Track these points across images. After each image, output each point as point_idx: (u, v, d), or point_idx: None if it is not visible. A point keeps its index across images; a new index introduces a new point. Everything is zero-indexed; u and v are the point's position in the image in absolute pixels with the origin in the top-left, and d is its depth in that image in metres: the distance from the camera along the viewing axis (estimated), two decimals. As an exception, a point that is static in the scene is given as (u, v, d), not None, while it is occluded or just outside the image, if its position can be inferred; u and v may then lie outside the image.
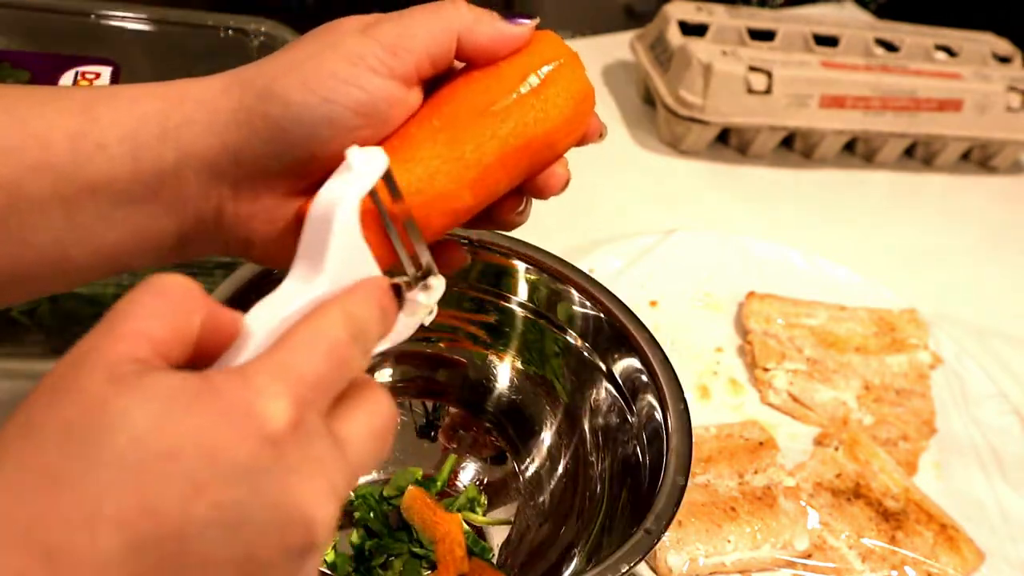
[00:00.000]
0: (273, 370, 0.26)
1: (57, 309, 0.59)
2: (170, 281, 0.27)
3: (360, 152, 0.31)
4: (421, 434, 0.59)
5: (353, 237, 0.30)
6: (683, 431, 0.48)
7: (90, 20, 0.69)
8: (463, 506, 0.56)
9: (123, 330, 0.26)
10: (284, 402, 0.25)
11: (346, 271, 0.30)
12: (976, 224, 1.00)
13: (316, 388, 0.27)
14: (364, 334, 0.29)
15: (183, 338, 0.27)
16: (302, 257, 0.30)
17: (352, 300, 0.29)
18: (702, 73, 0.92)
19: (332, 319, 0.28)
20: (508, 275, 0.56)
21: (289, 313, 0.28)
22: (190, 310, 0.27)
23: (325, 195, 0.30)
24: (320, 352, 0.27)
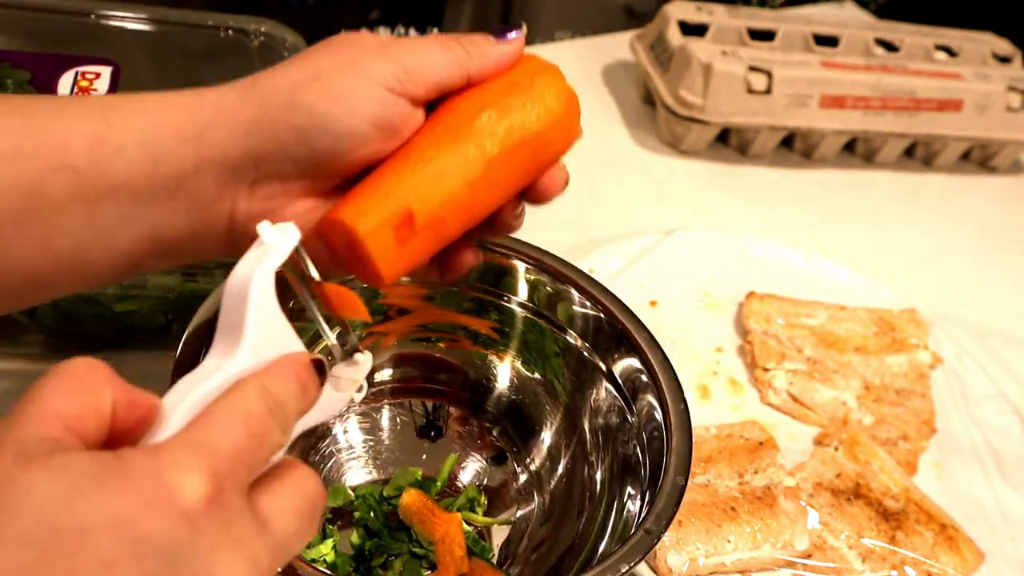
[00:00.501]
0: (186, 444, 0.25)
1: (57, 309, 0.59)
2: (76, 362, 0.26)
3: (271, 228, 0.31)
4: (421, 434, 0.59)
5: (270, 312, 0.30)
6: (683, 431, 0.48)
7: (90, 20, 0.69)
8: (463, 506, 0.56)
9: (33, 410, 0.25)
10: (198, 475, 0.25)
11: (266, 347, 0.30)
12: (976, 224, 1.00)
13: (233, 461, 0.26)
14: (282, 409, 0.28)
15: (95, 414, 0.26)
16: (220, 333, 0.30)
17: (269, 376, 0.29)
18: (702, 73, 0.92)
19: (247, 394, 0.27)
20: (508, 275, 0.56)
21: (207, 391, 0.28)
22: (99, 385, 0.26)
23: (239, 271, 0.30)
24: (235, 425, 0.26)
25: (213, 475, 0.25)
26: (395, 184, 0.38)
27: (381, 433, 0.58)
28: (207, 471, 0.25)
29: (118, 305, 0.58)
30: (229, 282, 0.30)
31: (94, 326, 0.60)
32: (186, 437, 0.26)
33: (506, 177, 0.40)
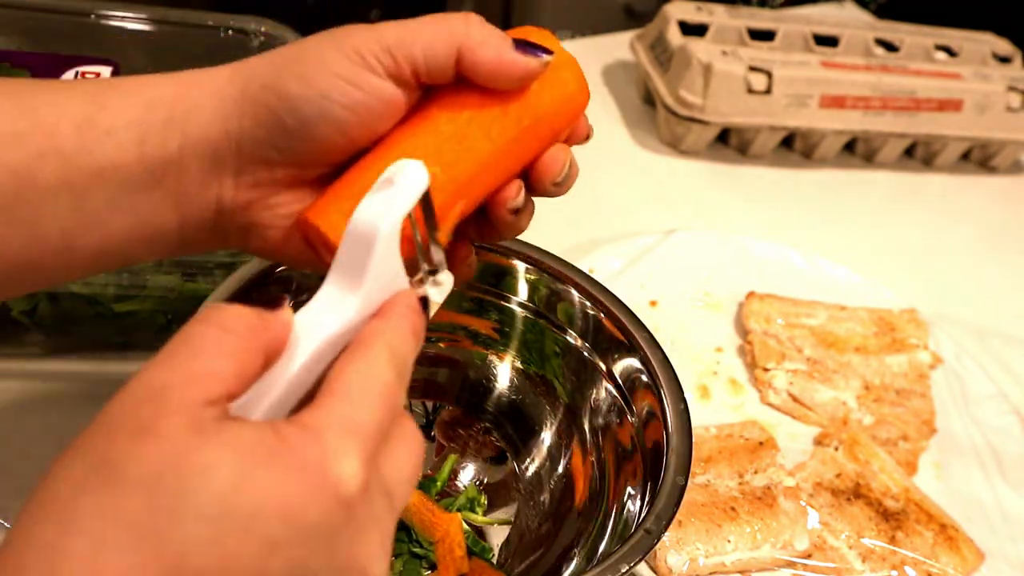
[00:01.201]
0: (340, 425, 0.26)
1: (57, 309, 0.59)
2: (235, 316, 0.27)
3: (403, 167, 0.31)
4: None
5: (392, 253, 0.30)
6: (683, 431, 0.48)
7: (90, 20, 0.69)
8: (463, 506, 0.56)
9: (196, 369, 0.25)
10: (356, 463, 0.26)
11: (381, 285, 0.31)
12: (976, 224, 1.00)
13: (377, 439, 0.27)
14: (406, 367, 0.30)
15: (248, 378, 0.27)
16: (341, 267, 0.30)
17: (393, 332, 0.29)
18: (702, 73, 0.92)
19: (380, 360, 0.28)
20: (508, 275, 0.56)
21: (333, 332, 0.29)
22: (256, 348, 0.27)
23: (366, 211, 0.30)
24: (376, 401, 0.27)
25: (366, 460, 0.26)
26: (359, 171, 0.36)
27: (381, 433, 0.58)
28: (362, 457, 0.26)
29: (118, 305, 0.58)
30: (355, 221, 0.30)
31: (94, 326, 0.60)
32: (336, 415, 0.26)
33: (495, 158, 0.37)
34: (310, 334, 0.29)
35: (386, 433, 0.28)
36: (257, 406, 0.27)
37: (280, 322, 0.28)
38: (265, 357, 0.27)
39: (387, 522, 0.27)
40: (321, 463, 0.25)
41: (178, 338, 0.26)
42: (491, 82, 0.36)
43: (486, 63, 0.36)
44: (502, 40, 0.36)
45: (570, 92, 0.39)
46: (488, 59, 0.36)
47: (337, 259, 0.30)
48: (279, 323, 0.28)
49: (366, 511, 0.26)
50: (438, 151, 0.36)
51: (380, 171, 0.35)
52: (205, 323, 0.27)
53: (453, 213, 0.37)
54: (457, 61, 0.36)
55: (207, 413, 0.25)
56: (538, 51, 0.36)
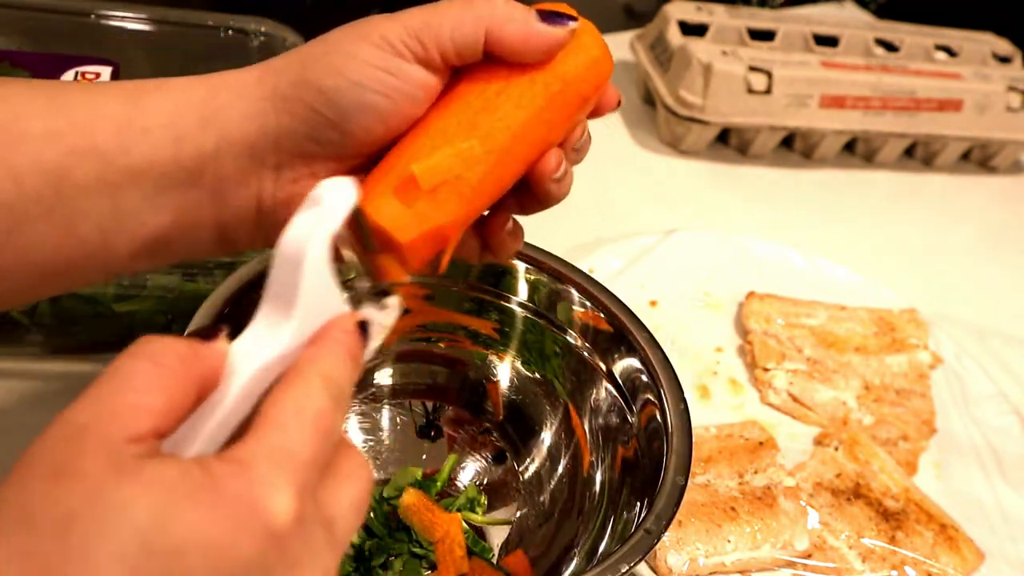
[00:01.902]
0: (270, 456, 0.25)
1: (57, 309, 0.59)
2: (166, 348, 0.26)
3: (329, 186, 0.30)
4: (421, 434, 0.59)
5: (323, 276, 0.30)
6: (683, 431, 0.48)
7: (90, 20, 0.69)
8: (463, 506, 0.56)
9: (120, 404, 0.24)
10: (288, 495, 0.25)
11: (316, 309, 0.30)
12: (976, 224, 1.00)
13: (311, 468, 0.26)
14: (342, 393, 0.28)
15: (180, 412, 0.26)
16: (272, 295, 0.29)
17: (327, 358, 0.28)
18: (702, 73, 0.92)
19: (313, 387, 0.27)
20: (508, 275, 0.56)
21: (266, 361, 0.28)
22: (188, 381, 0.26)
23: (294, 232, 0.29)
24: (309, 428, 0.26)
25: (299, 491, 0.25)
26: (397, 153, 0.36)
27: (381, 433, 0.58)
28: (294, 487, 0.25)
29: (118, 305, 0.58)
30: (283, 244, 0.29)
31: (94, 326, 0.60)
32: (266, 445, 0.25)
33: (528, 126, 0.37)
34: (243, 365, 0.28)
35: (325, 463, 0.27)
36: (190, 441, 0.26)
37: (214, 353, 0.27)
38: (198, 390, 0.26)
39: (327, 556, 0.26)
40: (249, 496, 0.24)
41: (106, 373, 0.25)
42: (520, 56, 0.37)
43: (514, 39, 0.36)
44: (527, 14, 0.36)
45: (594, 56, 0.39)
46: (516, 34, 0.36)
47: (268, 285, 0.29)
48: (213, 354, 0.27)
49: (301, 545, 0.25)
50: (471, 125, 0.36)
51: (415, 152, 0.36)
52: (134, 356, 0.26)
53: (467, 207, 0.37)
54: (486, 40, 0.36)
55: (129, 450, 0.24)
56: (563, 19, 0.37)
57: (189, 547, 0.23)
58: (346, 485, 0.28)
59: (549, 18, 0.37)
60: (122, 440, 0.24)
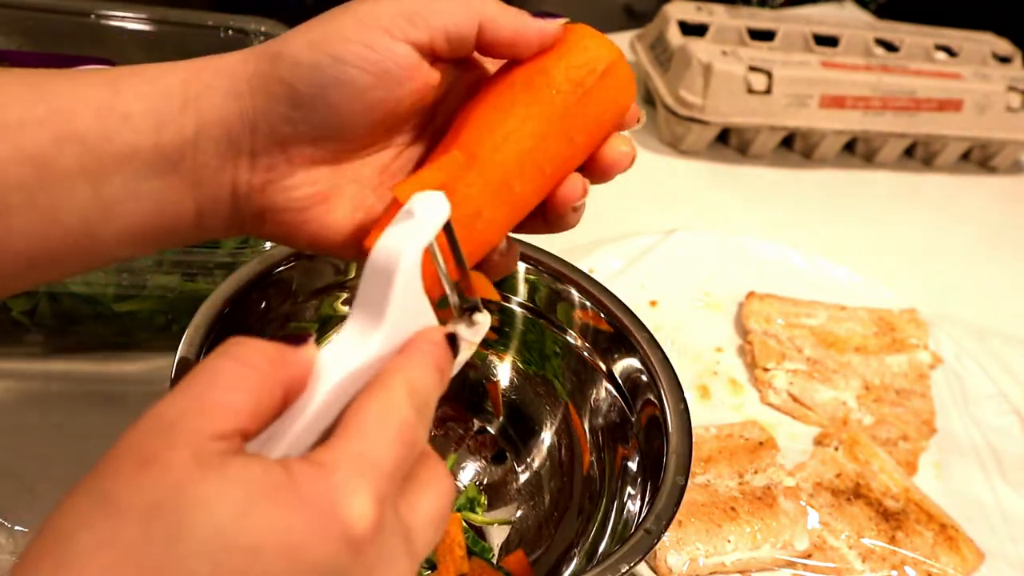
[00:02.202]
0: (352, 463, 0.25)
1: (57, 309, 0.59)
2: (255, 350, 0.26)
3: (423, 199, 0.31)
4: (421, 434, 0.59)
5: (414, 288, 0.30)
6: (683, 431, 0.48)
7: (90, 20, 0.69)
8: (463, 506, 0.56)
9: (209, 402, 0.25)
10: (367, 502, 0.25)
11: (405, 321, 0.30)
12: (976, 224, 1.00)
13: (392, 477, 0.26)
14: (427, 405, 0.29)
15: (268, 411, 0.26)
16: (362, 305, 0.30)
17: (413, 368, 0.29)
18: (702, 73, 0.92)
19: (398, 396, 0.27)
20: (508, 275, 0.56)
21: (354, 368, 0.28)
22: (275, 384, 0.26)
23: (387, 244, 0.29)
24: (392, 437, 0.27)
25: (378, 499, 0.25)
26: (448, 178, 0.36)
27: (381, 433, 0.58)
28: (374, 495, 0.25)
29: (118, 305, 0.58)
30: (375, 254, 0.29)
31: (94, 326, 0.60)
32: (348, 452, 0.26)
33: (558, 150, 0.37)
34: (331, 371, 0.28)
35: (406, 473, 0.27)
36: (275, 444, 0.27)
37: (302, 359, 0.27)
38: (284, 394, 0.27)
39: (403, 567, 0.26)
40: (329, 501, 0.24)
41: (196, 370, 0.26)
42: (512, 49, 0.37)
43: (506, 32, 0.36)
44: (520, 11, 0.37)
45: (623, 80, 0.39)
46: (508, 27, 0.36)
47: (358, 295, 0.30)
48: (300, 360, 0.27)
49: (377, 553, 0.25)
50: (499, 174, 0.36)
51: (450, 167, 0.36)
52: (224, 356, 0.26)
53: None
54: (480, 32, 0.36)
55: (214, 446, 0.24)
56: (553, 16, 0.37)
57: (267, 545, 0.23)
58: (426, 497, 0.28)
59: (541, 15, 0.37)
60: (208, 436, 0.24)
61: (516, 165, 0.37)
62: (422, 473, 0.28)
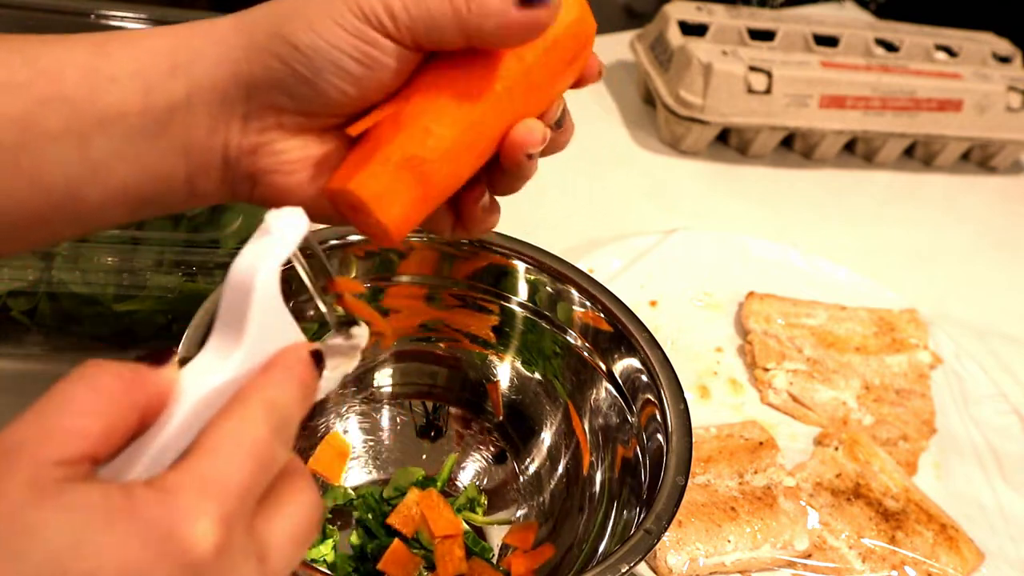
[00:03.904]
0: (197, 484, 0.25)
1: (57, 309, 0.59)
2: (108, 373, 0.26)
3: (279, 215, 0.30)
4: (421, 434, 0.59)
5: (274, 304, 0.29)
6: (683, 431, 0.48)
7: (90, 20, 0.69)
8: (463, 506, 0.56)
9: (54, 427, 0.24)
10: (209, 523, 0.24)
11: (267, 339, 0.29)
12: (976, 224, 1.00)
13: (242, 497, 0.25)
14: (286, 422, 0.28)
15: (118, 438, 0.25)
16: (221, 324, 0.29)
17: (273, 385, 0.28)
18: (702, 73, 0.92)
19: (253, 414, 0.27)
20: (508, 275, 0.56)
21: (214, 387, 0.28)
22: (129, 406, 0.26)
23: (243, 261, 0.29)
24: (243, 457, 0.26)
25: (224, 520, 0.25)
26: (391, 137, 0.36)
27: (381, 433, 0.58)
28: (218, 516, 0.24)
29: (118, 305, 0.58)
30: (232, 272, 0.29)
31: (94, 326, 0.60)
32: (193, 473, 0.25)
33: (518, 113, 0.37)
34: (191, 391, 0.27)
35: (260, 492, 0.26)
36: (131, 466, 0.26)
37: (160, 380, 0.27)
38: (142, 416, 0.26)
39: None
40: (168, 523, 0.23)
41: (47, 395, 0.25)
42: (500, 45, 0.36)
43: (492, 34, 0.35)
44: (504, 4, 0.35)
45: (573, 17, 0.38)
46: (494, 29, 0.35)
47: (219, 313, 0.29)
48: (159, 381, 0.27)
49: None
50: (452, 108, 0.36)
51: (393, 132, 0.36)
52: (75, 380, 0.25)
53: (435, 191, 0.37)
54: (464, 37, 0.35)
55: (54, 472, 0.23)
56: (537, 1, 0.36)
57: (103, 572, 0.22)
58: (285, 515, 0.27)
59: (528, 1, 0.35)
60: (51, 462, 0.23)
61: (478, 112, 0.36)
62: (283, 489, 0.28)
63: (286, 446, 0.28)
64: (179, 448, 0.27)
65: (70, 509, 0.23)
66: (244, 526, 0.26)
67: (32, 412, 0.25)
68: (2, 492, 0.23)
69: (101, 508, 0.23)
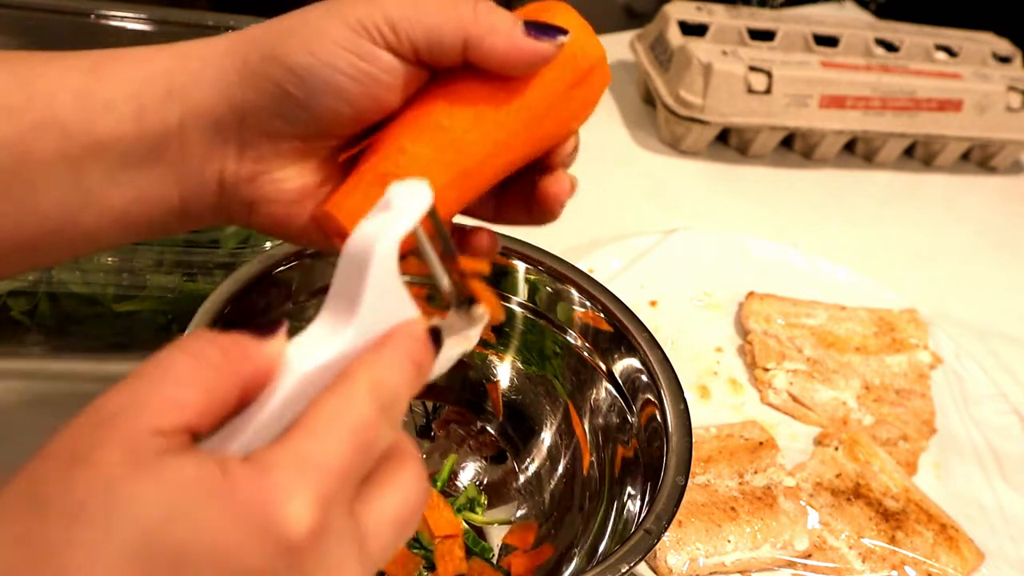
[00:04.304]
0: (294, 463, 0.24)
1: (57, 309, 0.59)
2: (211, 344, 0.25)
3: (402, 187, 0.29)
4: (421, 434, 0.59)
5: (390, 279, 0.28)
6: (683, 431, 0.48)
7: (90, 20, 0.69)
8: (463, 506, 0.56)
9: (152, 397, 0.24)
10: (306, 504, 0.23)
11: (382, 315, 0.28)
12: (976, 224, 1.00)
13: (341, 478, 0.25)
14: (393, 402, 0.27)
15: (218, 411, 0.25)
16: (336, 297, 0.28)
17: (382, 363, 0.27)
18: (702, 73, 0.92)
19: (358, 392, 0.26)
20: (508, 275, 0.56)
21: (322, 362, 0.27)
22: (231, 379, 0.25)
23: (362, 233, 0.28)
24: (344, 437, 0.25)
25: (320, 501, 0.24)
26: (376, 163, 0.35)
27: (381, 433, 0.58)
28: (315, 497, 0.24)
29: (118, 305, 0.58)
30: (349, 244, 0.28)
31: (94, 326, 0.60)
32: (292, 451, 0.24)
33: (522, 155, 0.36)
34: (297, 365, 0.26)
35: (363, 473, 0.26)
36: (232, 440, 0.25)
37: (266, 352, 0.26)
38: (243, 389, 0.25)
39: (351, 570, 0.25)
40: (263, 502, 0.23)
41: (147, 363, 0.24)
42: (501, 71, 0.35)
43: (495, 52, 0.34)
44: (512, 25, 0.34)
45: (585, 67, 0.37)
46: (497, 47, 0.34)
47: (332, 286, 0.28)
48: (264, 354, 0.26)
49: (317, 559, 0.24)
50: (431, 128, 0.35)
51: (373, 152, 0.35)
52: (177, 349, 0.25)
53: None
54: (464, 48, 0.34)
55: (151, 443, 0.23)
56: (551, 32, 0.35)
57: (194, 550, 0.22)
58: (387, 497, 0.27)
59: (536, 30, 0.35)
60: (148, 432, 0.23)
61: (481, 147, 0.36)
62: (388, 471, 0.27)
63: (393, 427, 0.27)
64: (282, 424, 0.26)
65: (164, 482, 0.22)
66: (343, 508, 0.25)
67: (129, 380, 0.24)
68: (98, 462, 0.22)
69: (196, 483, 0.23)
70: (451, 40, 0.34)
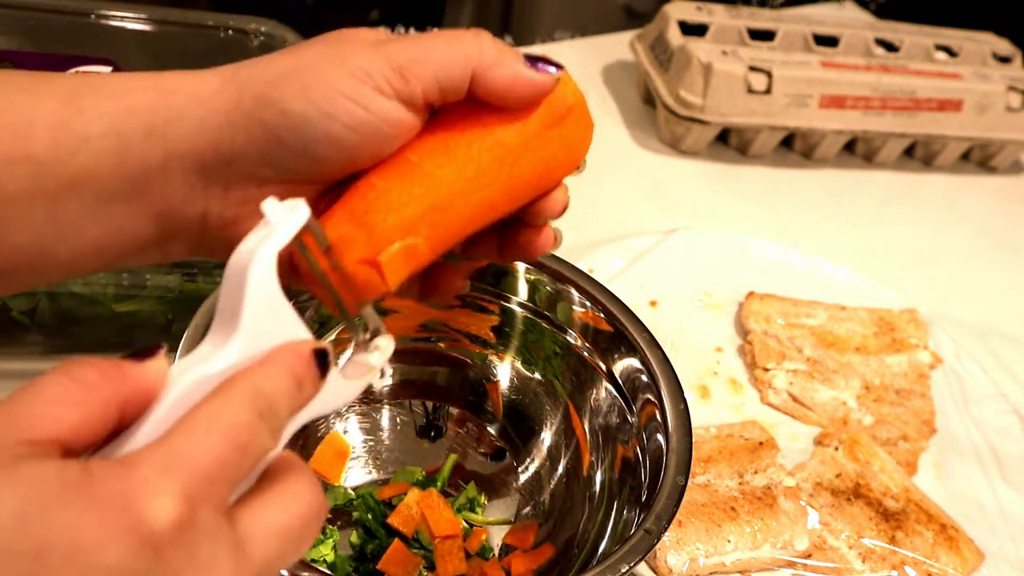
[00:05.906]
0: (161, 459, 0.24)
1: (57, 309, 0.59)
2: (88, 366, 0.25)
3: (278, 205, 0.29)
4: (421, 434, 0.59)
5: (271, 296, 0.28)
6: (683, 431, 0.48)
7: (90, 20, 0.69)
8: (463, 506, 0.56)
9: (25, 411, 0.24)
10: (168, 498, 0.23)
11: (265, 332, 0.28)
12: (976, 224, 1.00)
13: (211, 477, 0.24)
14: (273, 412, 0.27)
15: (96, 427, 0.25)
16: (219, 316, 0.28)
17: (261, 373, 0.27)
18: (702, 73, 0.92)
19: (234, 397, 0.26)
20: (508, 275, 0.56)
21: (204, 376, 0.27)
22: (108, 399, 0.25)
23: (240, 252, 0.28)
24: (217, 436, 0.25)
25: (186, 496, 0.24)
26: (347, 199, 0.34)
27: (381, 433, 0.58)
28: (179, 492, 0.23)
29: (118, 305, 0.58)
30: (230, 263, 0.28)
31: (94, 326, 0.60)
32: (161, 449, 0.24)
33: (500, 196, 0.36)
34: (179, 382, 0.27)
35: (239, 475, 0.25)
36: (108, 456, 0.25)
37: (145, 373, 0.26)
38: (121, 409, 0.25)
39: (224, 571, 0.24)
40: (124, 496, 0.23)
41: (25, 385, 0.25)
42: (504, 101, 0.35)
43: (499, 83, 0.34)
44: (514, 58, 0.35)
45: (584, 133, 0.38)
46: (502, 79, 0.34)
47: (217, 306, 0.28)
48: (143, 375, 0.26)
49: (184, 555, 0.23)
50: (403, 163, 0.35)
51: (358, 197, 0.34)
52: (54, 371, 0.25)
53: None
54: (470, 82, 0.34)
55: (15, 451, 0.23)
56: (548, 67, 0.35)
57: (53, 548, 0.22)
58: (274, 508, 0.27)
59: (535, 64, 0.35)
60: (14, 442, 0.23)
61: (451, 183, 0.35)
62: (276, 483, 0.27)
63: (273, 435, 0.27)
64: None
65: (21, 483, 0.22)
66: (215, 507, 0.25)
67: (6, 400, 0.24)
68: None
69: (55, 483, 0.22)
70: (460, 75, 0.34)
